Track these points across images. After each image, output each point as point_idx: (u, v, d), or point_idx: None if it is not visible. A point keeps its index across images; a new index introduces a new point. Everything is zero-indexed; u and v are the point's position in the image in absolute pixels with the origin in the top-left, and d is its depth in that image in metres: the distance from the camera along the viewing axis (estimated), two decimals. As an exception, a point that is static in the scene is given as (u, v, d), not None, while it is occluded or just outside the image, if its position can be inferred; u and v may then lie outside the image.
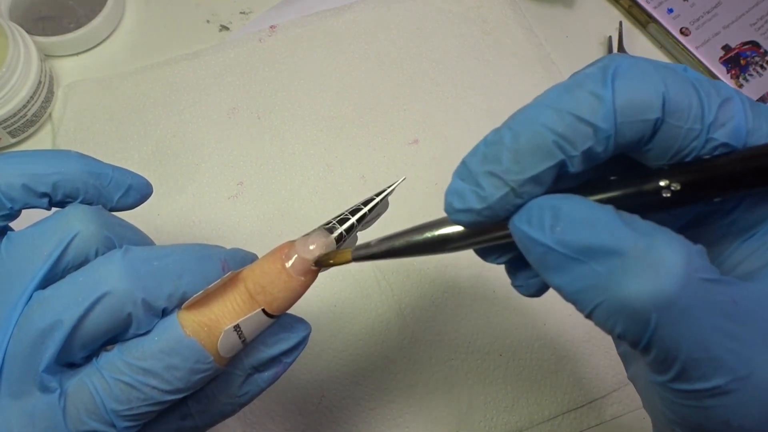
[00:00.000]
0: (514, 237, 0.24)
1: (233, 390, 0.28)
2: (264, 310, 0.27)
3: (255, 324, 0.27)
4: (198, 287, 0.26)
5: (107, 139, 0.55)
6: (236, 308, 0.26)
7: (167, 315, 0.26)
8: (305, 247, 0.27)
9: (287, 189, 0.54)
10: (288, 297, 0.27)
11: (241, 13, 0.63)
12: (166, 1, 0.63)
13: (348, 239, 0.29)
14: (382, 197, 0.30)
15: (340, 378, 0.47)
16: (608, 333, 0.22)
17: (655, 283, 0.20)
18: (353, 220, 0.29)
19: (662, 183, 0.23)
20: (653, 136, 0.23)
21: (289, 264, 0.27)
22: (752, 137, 0.23)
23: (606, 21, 0.64)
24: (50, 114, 0.56)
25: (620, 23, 0.63)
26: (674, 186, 0.23)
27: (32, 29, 0.56)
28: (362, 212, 0.29)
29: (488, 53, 0.61)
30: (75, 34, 0.57)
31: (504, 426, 0.47)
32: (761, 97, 0.58)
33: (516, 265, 0.27)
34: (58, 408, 0.24)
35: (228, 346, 0.26)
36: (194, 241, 0.52)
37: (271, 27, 0.61)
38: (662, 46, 0.62)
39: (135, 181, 0.32)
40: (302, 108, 0.57)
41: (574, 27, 0.64)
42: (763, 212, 0.24)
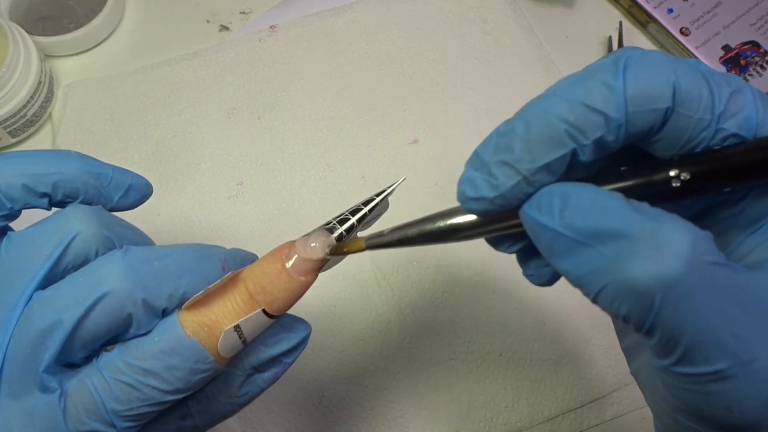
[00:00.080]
0: (524, 224, 0.24)
1: (233, 390, 0.28)
2: (264, 311, 0.27)
3: (255, 324, 0.27)
4: (198, 287, 0.26)
5: (107, 139, 0.55)
6: (236, 308, 0.26)
7: (167, 315, 0.26)
8: (305, 248, 0.27)
9: (287, 189, 0.54)
10: (288, 297, 0.27)
11: (241, 13, 0.63)
12: (166, 1, 0.63)
13: (348, 239, 0.29)
14: (383, 197, 0.30)
15: (340, 378, 0.47)
16: (613, 316, 0.22)
17: (661, 264, 0.20)
18: (353, 221, 0.29)
19: (672, 173, 0.23)
20: (663, 126, 0.23)
21: (290, 264, 0.27)
22: (762, 128, 0.23)
23: (606, 21, 0.64)
24: (50, 114, 0.56)
25: (620, 23, 0.63)
26: (684, 176, 0.23)
27: (32, 29, 0.56)
28: (362, 212, 0.29)
29: (488, 53, 0.61)
30: (75, 34, 0.57)
31: (504, 426, 0.47)
32: (761, 97, 0.58)
33: (527, 254, 0.28)
34: (58, 408, 0.24)
35: (228, 347, 0.26)
36: (194, 241, 0.52)
37: (271, 27, 0.61)
38: (662, 46, 0.62)
39: (135, 181, 0.32)
40: (302, 108, 0.57)
41: (574, 27, 0.64)
42: None
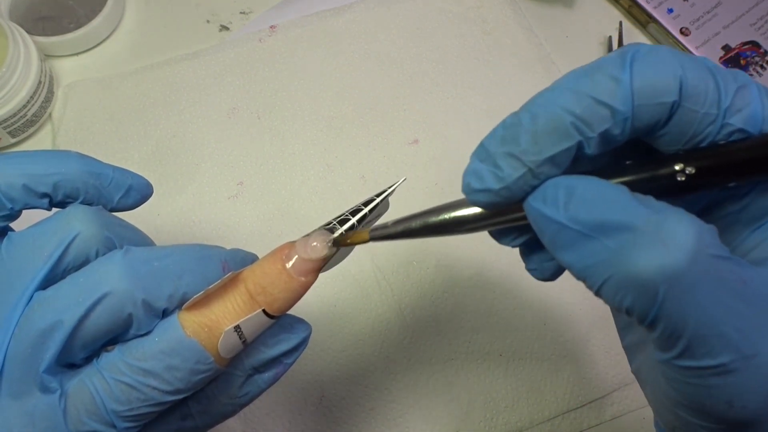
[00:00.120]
0: (529, 216, 0.24)
1: (233, 390, 0.28)
2: (264, 311, 0.27)
3: (255, 325, 0.27)
4: (198, 288, 0.26)
5: (107, 139, 0.55)
6: (237, 309, 0.26)
7: (168, 316, 0.26)
8: (306, 248, 0.27)
9: (287, 189, 0.54)
10: (288, 298, 0.27)
11: (241, 13, 0.63)
12: (166, 1, 0.63)
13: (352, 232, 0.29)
14: (383, 198, 0.30)
15: (340, 378, 0.47)
16: (616, 308, 0.22)
17: (665, 257, 0.20)
18: (354, 221, 0.29)
19: (677, 167, 0.23)
20: (669, 120, 0.23)
21: (290, 265, 0.27)
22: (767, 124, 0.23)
23: (606, 21, 0.64)
24: (50, 114, 0.56)
25: (620, 23, 0.63)
26: (689, 170, 0.23)
27: (32, 29, 0.56)
28: (363, 212, 0.29)
29: (488, 53, 0.61)
30: (75, 34, 0.57)
31: (504, 426, 0.47)
32: (761, 97, 0.58)
33: (530, 248, 0.28)
34: (59, 408, 0.24)
35: (228, 347, 0.26)
36: (194, 241, 0.52)
37: (271, 27, 0.61)
38: (662, 46, 0.62)
39: (135, 182, 0.32)
40: (302, 108, 0.57)
41: (574, 27, 0.64)
42: None
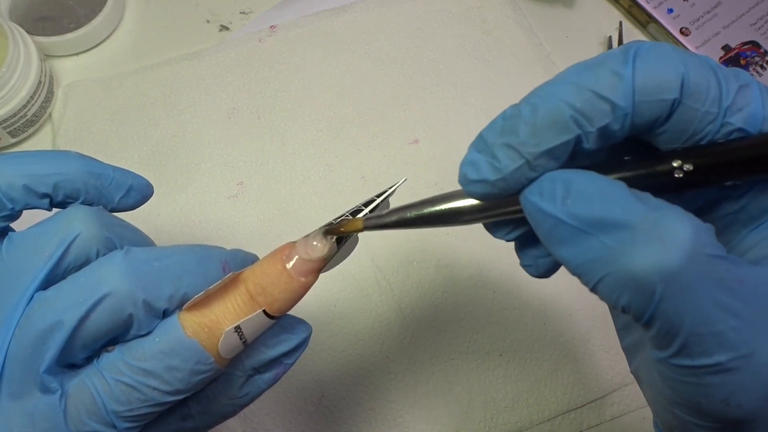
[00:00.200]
0: (525, 209, 0.24)
1: (234, 391, 0.28)
2: (265, 311, 0.27)
3: (256, 325, 0.27)
4: (199, 288, 0.26)
5: (107, 139, 0.55)
6: (237, 309, 0.26)
7: (168, 316, 0.26)
8: (306, 248, 0.27)
9: (287, 189, 0.54)
10: (289, 298, 0.27)
11: (241, 13, 0.63)
12: (166, 1, 0.63)
13: (349, 240, 0.29)
14: (383, 198, 0.30)
15: (340, 378, 0.47)
16: (613, 306, 0.22)
17: (663, 256, 0.20)
18: (354, 221, 0.29)
19: (675, 164, 0.23)
20: (669, 118, 0.23)
21: (290, 265, 0.27)
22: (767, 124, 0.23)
23: (606, 21, 0.64)
24: (50, 114, 0.56)
25: (620, 23, 0.63)
26: (687, 167, 0.23)
27: (32, 29, 0.56)
28: (363, 213, 0.29)
29: (488, 53, 0.61)
30: (75, 34, 0.57)
31: (504, 426, 0.47)
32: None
33: (526, 243, 0.27)
34: (59, 409, 0.24)
35: (229, 347, 0.26)
36: (194, 242, 0.52)
37: (271, 27, 0.61)
38: (662, 46, 0.62)
39: (136, 182, 0.32)
40: (302, 108, 0.57)
41: (574, 27, 0.64)
42: None
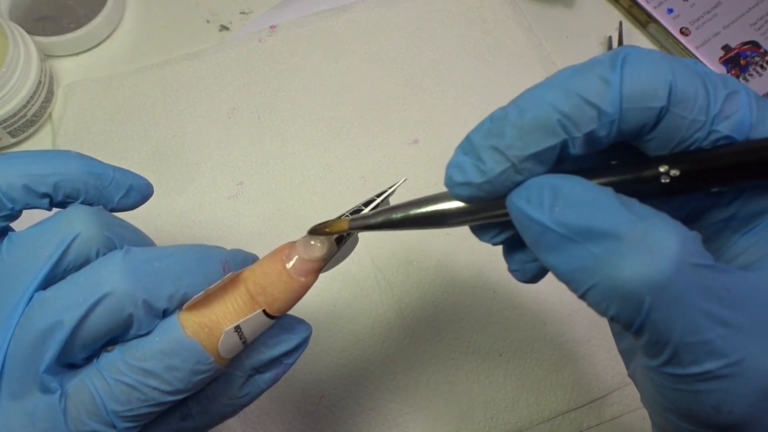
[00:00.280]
0: (511, 214, 0.23)
1: (234, 391, 0.28)
2: (265, 311, 0.27)
3: (256, 325, 0.27)
4: (199, 288, 0.26)
5: (107, 139, 0.55)
6: (237, 309, 0.26)
7: (168, 316, 0.26)
8: (306, 248, 0.27)
9: (287, 189, 0.54)
10: (289, 298, 0.27)
11: (241, 13, 0.63)
12: (166, 1, 0.63)
13: (349, 240, 0.29)
14: (383, 198, 0.30)
15: (340, 378, 0.47)
16: (601, 315, 0.22)
17: (651, 267, 0.20)
18: (354, 221, 0.29)
19: (662, 169, 0.23)
20: (657, 125, 0.23)
21: (290, 265, 0.27)
22: (755, 131, 0.23)
23: (606, 21, 0.64)
24: (50, 114, 0.56)
25: (620, 23, 0.63)
26: (673, 172, 0.23)
27: (32, 29, 0.56)
28: (363, 213, 0.29)
29: (488, 53, 0.61)
30: (75, 34, 0.57)
31: (504, 426, 0.47)
32: (761, 98, 0.58)
33: (512, 247, 0.27)
34: (59, 409, 0.25)
35: (228, 347, 0.26)
36: (194, 242, 0.52)
37: (271, 27, 0.61)
38: (662, 46, 0.62)
39: (136, 182, 0.32)
40: (302, 108, 0.57)
41: (574, 27, 0.64)
42: (762, 206, 0.24)
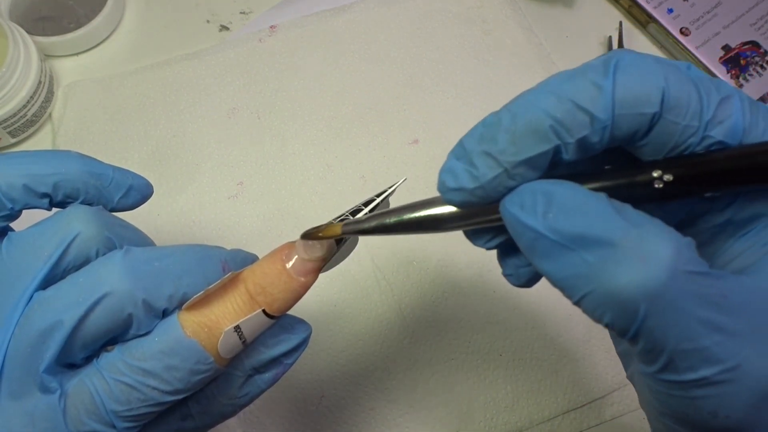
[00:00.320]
0: (505, 220, 0.23)
1: (233, 391, 0.28)
2: (264, 311, 0.27)
3: (255, 325, 0.27)
4: (198, 288, 0.26)
5: (107, 139, 0.55)
6: (236, 309, 0.26)
7: (168, 316, 0.26)
8: (305, 248, 0.27)
9: (287, 189, 0.54)
10: (288, 298, 0.27)
11: (241, 13, 0.63)
12: (166, 1, 0.63)
13: (349, 240, 0.29)
14: (383, 198, 0.30)
15: (340, 378, 0.47)
16: (596, 322, 0.22)
17: (645, 275, 0.20)
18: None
19: (655, 173, 0.23)
20: (650, 131, 0.23)
21: (290, 265, 0.27)
22: (748, 135, 0.23)
23: (606, 21, 0.64)
24: (50, 114, 0.56)
25: (620, 23, 0.63)
26: (667, 177, 0.23)
27: (32, 29, 0.56)
28: (363, 212, 0.29)
29: (488, 53, 0.61)
30: (75, 34, 0.57)
31: (504, 426, 0.47)
32: (761, 97, 0.58)
33: (506, 252, 0.27)
34: (59, 408, 0.25)
35: (228, 347, 0.26)
36: (194, 242, 0.52)
37: (271, 27, 0.61)
38: (662, 46, 0.62)
39: (136, 182, 0.32)
40: (302, 108, 0.57)
41: (574, 27, 0.64)
42: (757, 210, 0.24)
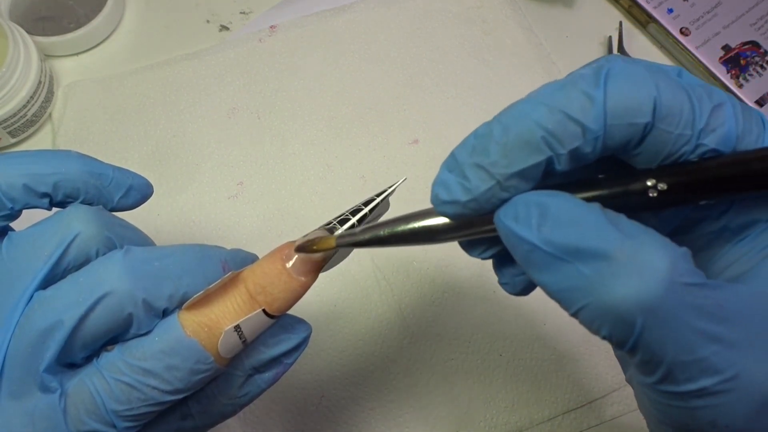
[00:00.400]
0: (500, 232, 0.23)
1: (233, 391, 0.28)
2: (264, 311, 0.27)
3: (255, 324, 0.27)
4: (198, 288, 0.26)
5: (107, 139, 0.55)
6: (237, 309, 0.26)
7: (168, 315, 0.26)
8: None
9: (287, 189, 0.54)
10: (288, 297, 0.27)
11: (241, 13, 0.63)
12: (166, 1, 0.63)
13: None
14: (383, 198, 0.30)
15: (340, 378, 0.47)
16: (594, 334, 0.22)
17: (641, 287, 0.20)
18: (354, 221, 0.29)
19: (649, 182, 0.23)
20: (643, 140, 0.23)
21: (290, 264, 0.27)
22: (742, 142, 0.23)
23: (606, 21, 0.64)
24: (50, 114, 0.56)
25: (620, 23, 0.63)
26: (661, 186, 0.23)
27: (32, 29, 0.56)
28: (363, 212, 0.29)
29: (488, 53, 0.61)
30: (75, 34, 0.57)
31: (504, 426, 0.47)
32: (761, 97, 0.58)
33: (502, 261, 0.27)
34: (59, 408, 0.25)
35: (228, 347, 0.26)
36: (194, 241, 0.52)
37: (271, 27, 0.61)
38: (662, 46, 0.62)
39: (135, 182, 0.32)
40: (302, 108, 0.57)
41: (574, 27, 0.64)
42: (752, 216, 0.24)
